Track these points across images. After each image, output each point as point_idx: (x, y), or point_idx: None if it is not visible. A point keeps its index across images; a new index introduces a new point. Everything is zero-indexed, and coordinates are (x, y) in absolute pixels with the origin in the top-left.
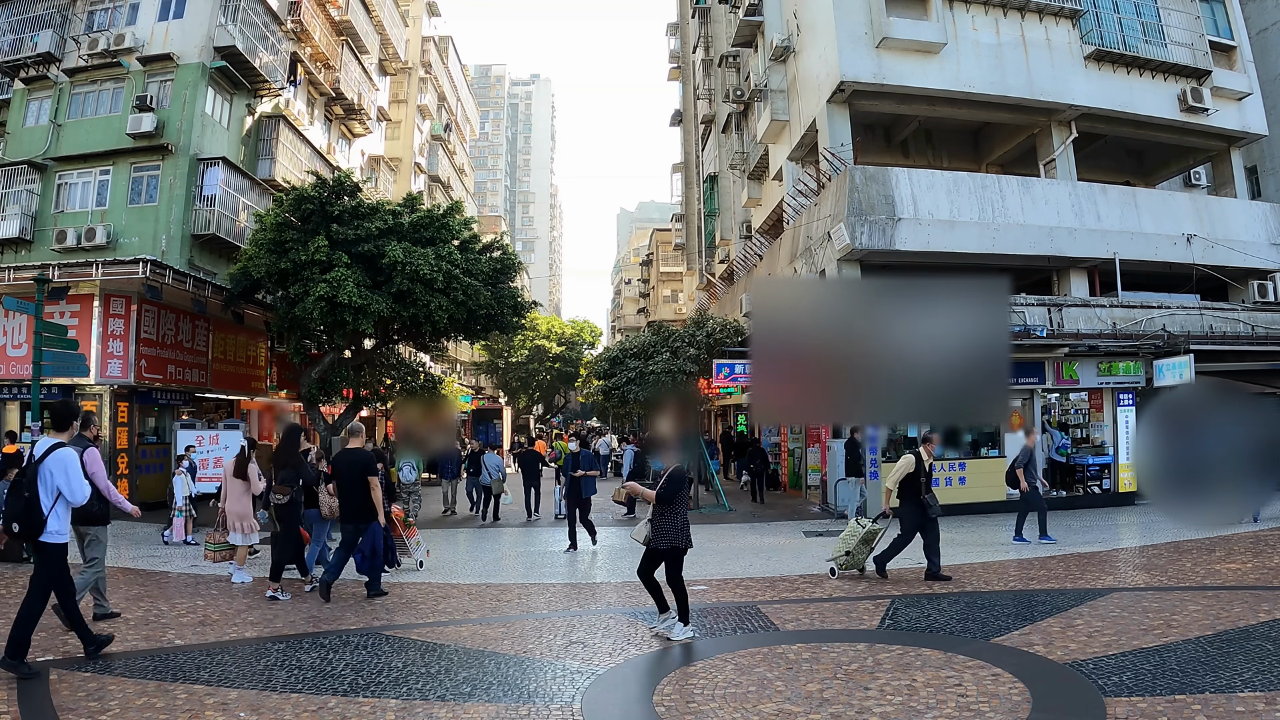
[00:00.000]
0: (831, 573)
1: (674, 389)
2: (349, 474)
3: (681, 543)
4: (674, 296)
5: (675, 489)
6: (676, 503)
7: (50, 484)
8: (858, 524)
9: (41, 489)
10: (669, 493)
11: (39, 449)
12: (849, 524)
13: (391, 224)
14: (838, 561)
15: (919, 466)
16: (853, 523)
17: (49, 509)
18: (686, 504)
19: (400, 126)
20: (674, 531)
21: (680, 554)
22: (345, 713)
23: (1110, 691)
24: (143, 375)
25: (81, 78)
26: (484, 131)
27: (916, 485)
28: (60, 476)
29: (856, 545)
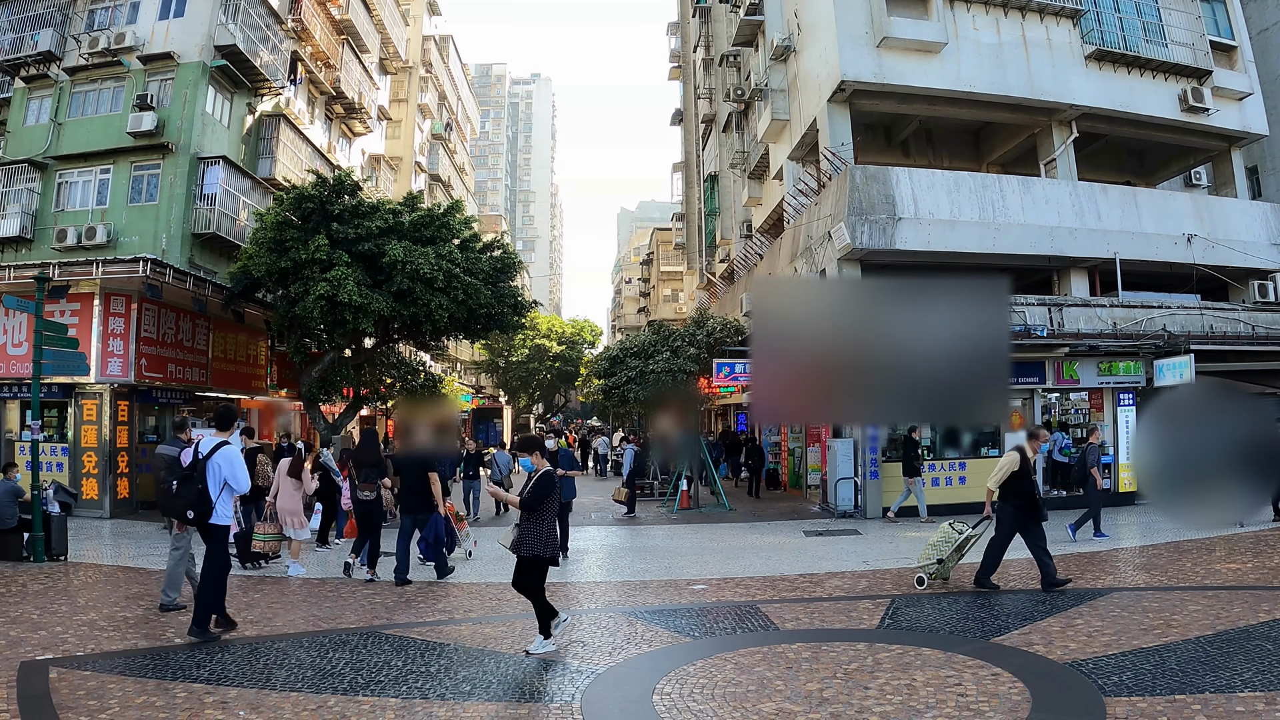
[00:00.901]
0: (919, 583)
1: (674, 388)
2: (412, 470)
3: (544, 552)
4: (674, 296)
5: (541, 495)
6: (543, 509)
7: (218, 476)
8: (953, 529)
9: (210, 480)
10: (534, 499)
11: (205, 446)
12: (940, 528)
13: (392, 223)
14: (927, 570)
15: (1024, 465)
16: (945, 526)
17: (217, 497)
18: (556, 511)
19: (401, 125)
20: (537, 540)
21: (542, 564)
22: (345, 711)
23: (1110, 691)
24: (143, 374)
25: (82, 76)
26: (484, 131)
27: (1018, 486)
28: (226, 470)
29: (951, 553)
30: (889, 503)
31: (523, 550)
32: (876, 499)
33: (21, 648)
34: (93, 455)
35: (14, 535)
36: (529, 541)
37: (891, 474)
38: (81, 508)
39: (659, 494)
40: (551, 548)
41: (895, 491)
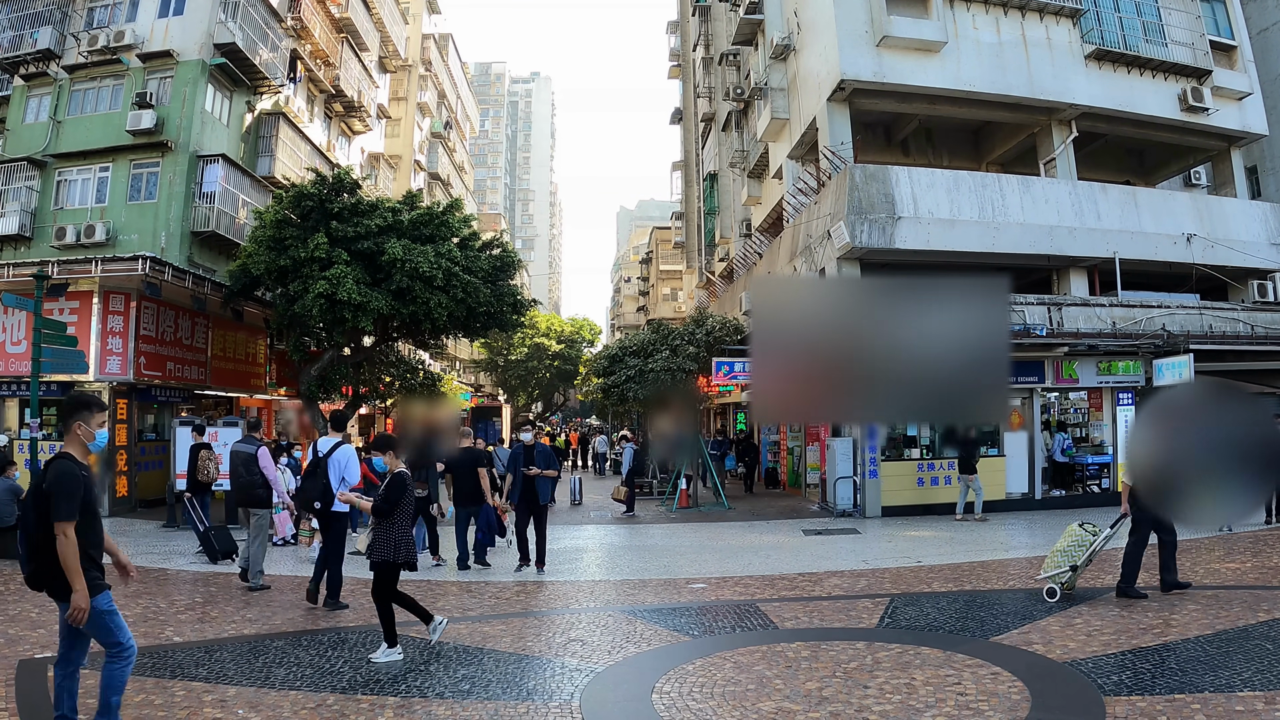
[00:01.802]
0: (1050, 595)
1: (673, 387)
2: (465, 467)
3: (394, 557)
4: (674, 295)
5: (391, 499)
6: (395, 514)
7: (336, 471)
8: (1085, 530)
9: (332, 475)
10: (383, 504)
11: (323, 446)
12: (1069, 530)
13: (391, 221)
14: (1059, 580)
15: None
16: (1074, 528)
17: (336, 488)
18: (411, 515)
19: (400, 124)
20: (387, 545)
21: (393, 569)
22: (343, 710)
23: (1109, 690)
24: (142, 372)
25: (81, 74)
26: (484, 129)
27: None
28: (343, 466)
29: (1085, 558)
30: (889, 501)
31: (373, 555)
32: (875, 498)
33: (20, 646)
34: (91, 455)
35: (13, 534)
36: (379, 547)
37: (890, 473)
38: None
39: (658, 493)
40: (403, 553)
41: (894, 491)
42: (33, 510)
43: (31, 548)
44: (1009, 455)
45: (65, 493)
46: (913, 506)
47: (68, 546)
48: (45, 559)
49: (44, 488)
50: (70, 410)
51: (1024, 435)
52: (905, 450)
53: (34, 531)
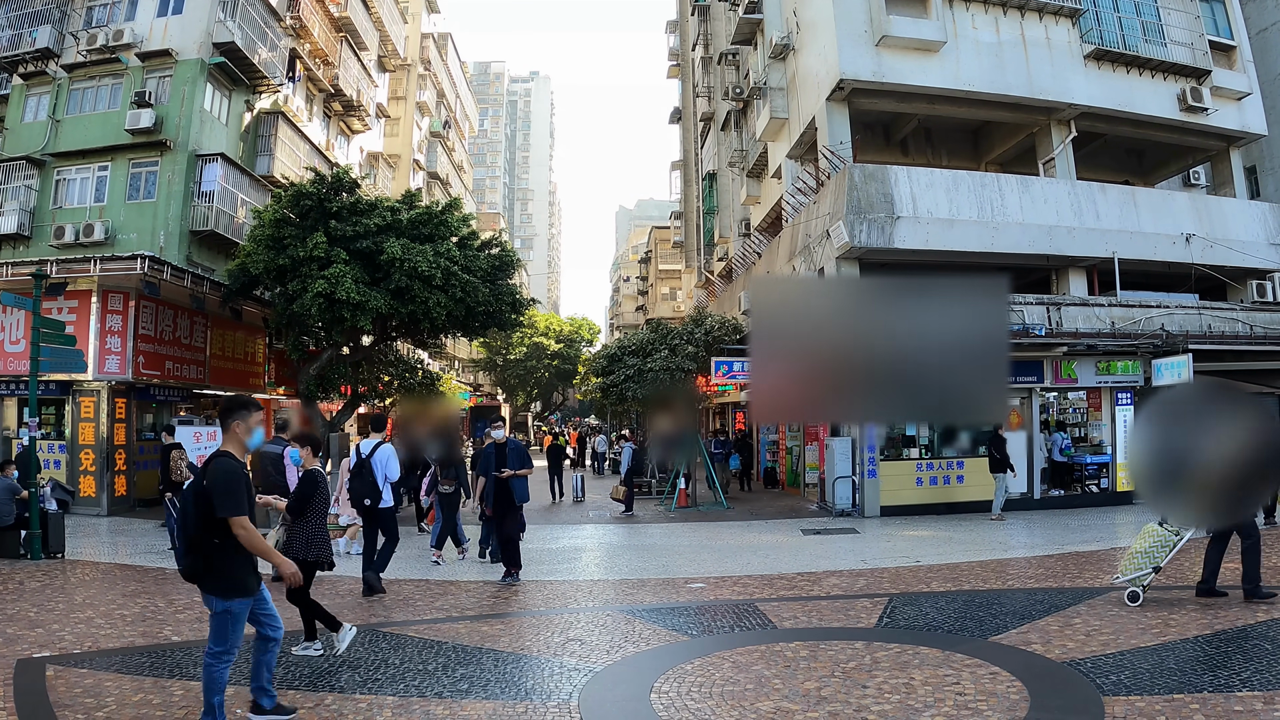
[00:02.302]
0: (1133, 599)
1: (672, 386)
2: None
3: (307, 555)
4: (672, 294)
5: (303, 496)
6: (308, 513)
7: (380, 470)
8: (1166, 530)
9: (377, 473)
10: (294, 502)
11: (365, 447)
12: (1147, 529)
13: (390, 220)
14: (1141, 582)
15: None
16: (1153, 527)
17: (383, 485)
18: (324, 512)
19: (399, 123)
20: (299, 543)
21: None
22: (341, 709)
23: (1108, 690)
24: (140, 371)
25: (80, 73)
26: (483, 129)
27: None
28: (384, 464)
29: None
30: (888, 501)
31: (289, 554)
32: (874, 498)
33: (18, 645)
34: (90, 453)
35: (11, 532)
36: (293, 545)
37: (889, 473)
38: (79, 505)
39: (657, 492)
40: (315, 551)
41: (893, 490)
42: (193, 506)
43: (189, 543)
44: (1008, 455)
45: (228, 489)
46: (912, 506)
47: (249, 535)
48: (202, 554)
49: (205, 485)
50: (229, 410)
51: (1023, 435)
52: (904, 450)
53: (193, 528)
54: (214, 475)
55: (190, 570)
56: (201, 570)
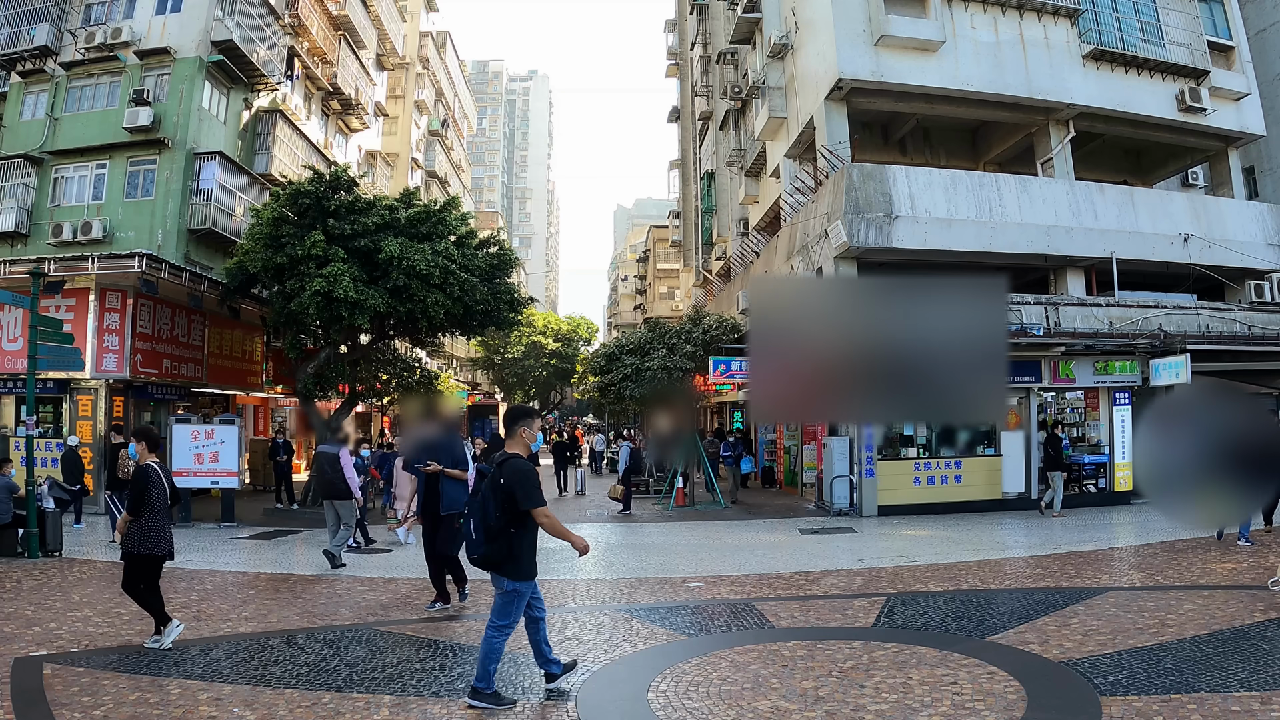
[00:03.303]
0: None
1: (670, 386)
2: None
3: (140, 549)
4: (670, 293)
5: (136, 493)
6: (144, 510)
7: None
8: None
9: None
10: (132, 500)
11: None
12: None
13: (388, 219)
14: None
15: None
16: None
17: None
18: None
19: (397, 122)
20: (134, 536)
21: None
22: (339, 708)
23: (1106, 690)
24: (138, 370)
25: (78, 71)
26: (481, 127)
27: None
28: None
29: None
30: (886, 501)
31: (125, 547)
32: (872, 497)
33: (16, 644)
34: (88, 451)
35: (9, 531)
36: (130, 539)
37: (887, 472)
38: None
39: (655, 491)
40: (149, 544)
41: (891, 490)
42: (493, 501)
43: (488, 534)
44: (1005, 455)
45: (530, 484)
46: (909, 506)
47: (551, 522)
48: (499, 544)
49: (502, 483)
50: (516, 418)
51: (1020, 435)
52: (902, 449)
53: (493, 521)
54: (513, 474)
55: (488, 557)
56: (502, 557)
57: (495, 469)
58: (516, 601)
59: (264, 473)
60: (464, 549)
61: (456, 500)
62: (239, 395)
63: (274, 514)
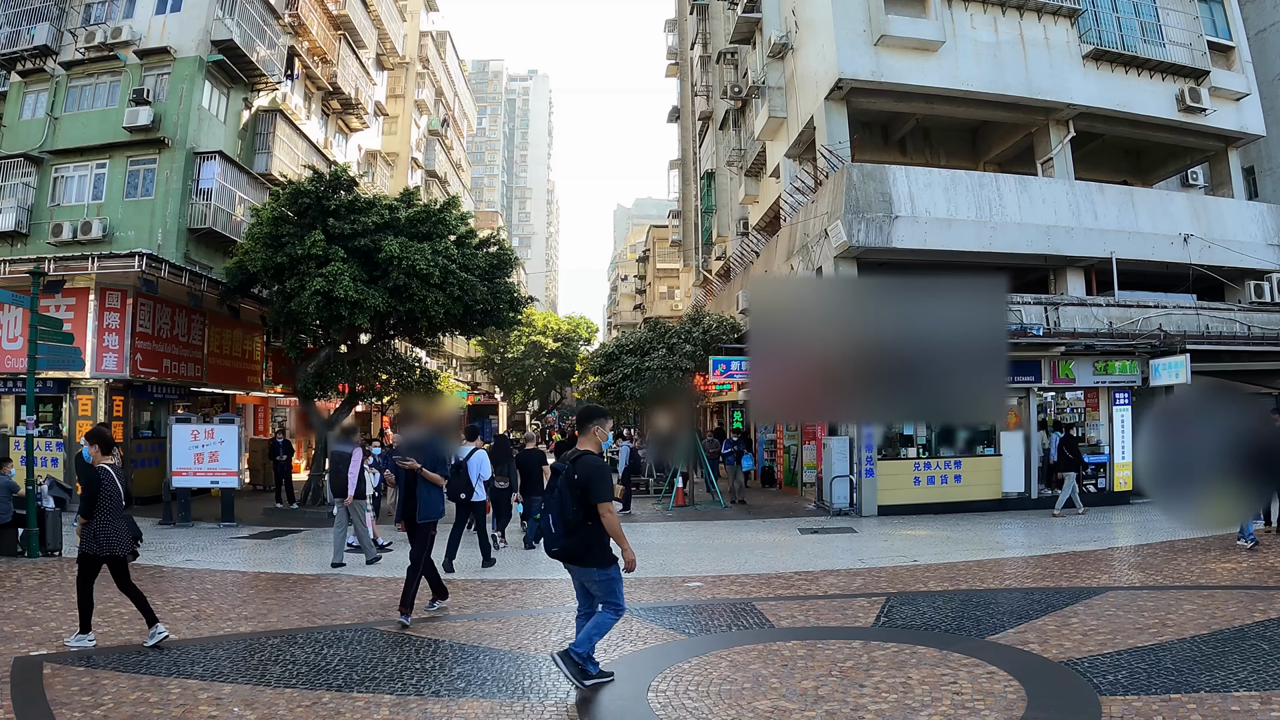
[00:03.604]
0: None
1: (670, 385)
2: (531, 465)
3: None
4: (670, 293)
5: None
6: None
7: (475, 470)
8: None
9: (471, 472)
10: (84, 503)
11: (463, 452)
12: None
13: (388, 219)
14: None
15: None
16: None
17: (476, 482)
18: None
19: (397, 121)
20: (88, 537)
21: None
22: (339, 707)
23: (1106, 690)
24: (138, 369)
25: (78, 71)
26: (481, 127)
27: None
28: (480, 465)
29: None
30: (886, 500)
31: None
32: (872, 497)
33: (16, 644)
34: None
35: (9, 530)
36: (84, 539)
37: (886, 472)
38: (76, 503)
39: (654, 491)
40: (100, 544)
41: (890, 489)
42: (569, 496)
43: (567, 527)
44: (1005, 455)
45: (602, 480)
46: (909, 506)
47: (612, 519)
48: (578, 536)
49: (577, 479)
50: (589, 417)
51: (1020, 435)
52: (902, 449)
53: (570, 515)
54: (587, 469)
55: (568, 550)
56: (583, 550)
57: (570, 465)
58: (617, 584)
59: (264, 472)
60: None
61: (434, 507)
62: (239, 395)
63: (274, 513)
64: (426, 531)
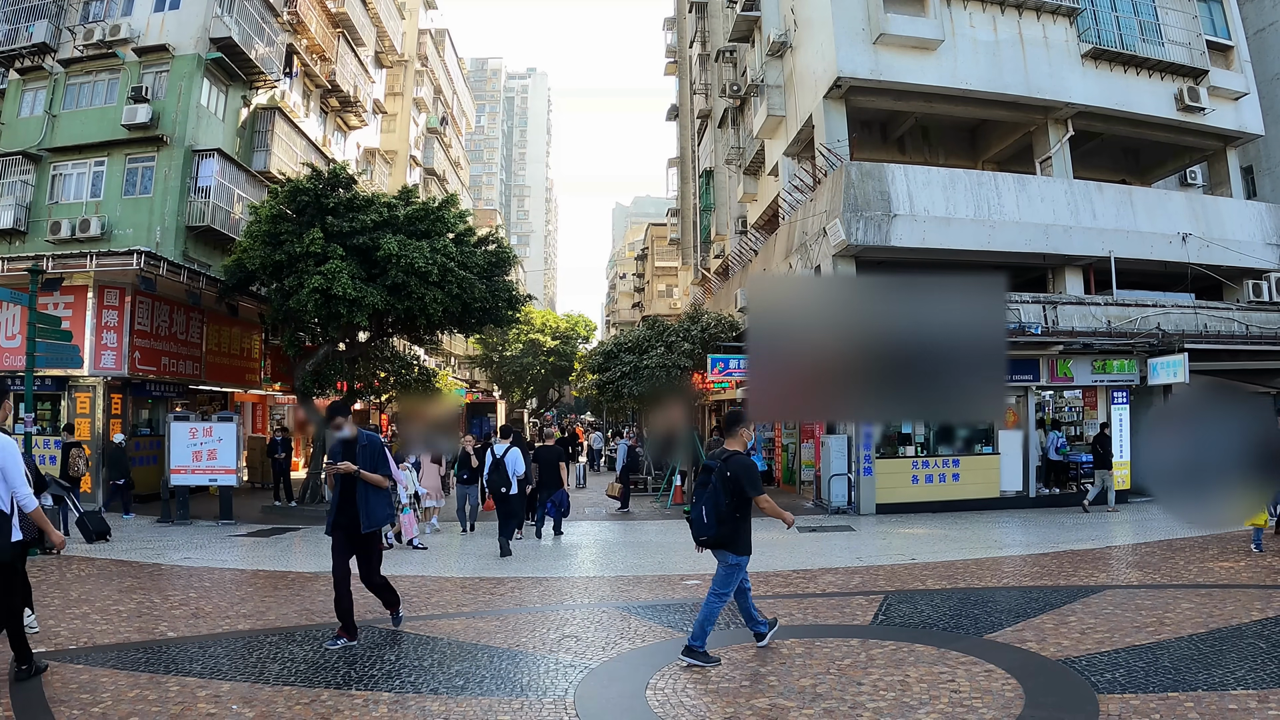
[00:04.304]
0: None
1: (669, 383)
2: (548, 459)
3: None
4: (669, 291)
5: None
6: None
7: (511, 466)
8: None
9: (509, 469)
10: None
11: (499, 450)
12: None
13: (386, 216)
14: None
15: None
16: None
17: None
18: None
19: (396, 119)
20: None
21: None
22: (337, 705)
23: (1103, 688)
24: (136, 367)
25: (77, 68)
26: (480, 125)
27: None
28: (515, 463)
29: None
30: (884, 499)
31: None
32: (870, 495)
33: None
34: (86, 448)
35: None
36: None
37: (885, 470)
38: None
39: (653, 489)
40: None
41: (888, 488)
42: (723, 491)
43: (719, 518)
44: (1003, 453)
45: (753, 476)
46: (908, 504)
47: (770, 505)
48: (727, 526)
49: (729, 475)
50: (735, 422)
51: (1019, 433)
52: (900, 448)
53: (723, 508)
54: (740, 467)
55: (718, 538)
56: (729, 537)
57: (721, 464)
58: (737, 573)
59: (262, 470)
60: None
61: (382, 514)
62: (237, 393)
63: (272, 511)
64: (373, 543)
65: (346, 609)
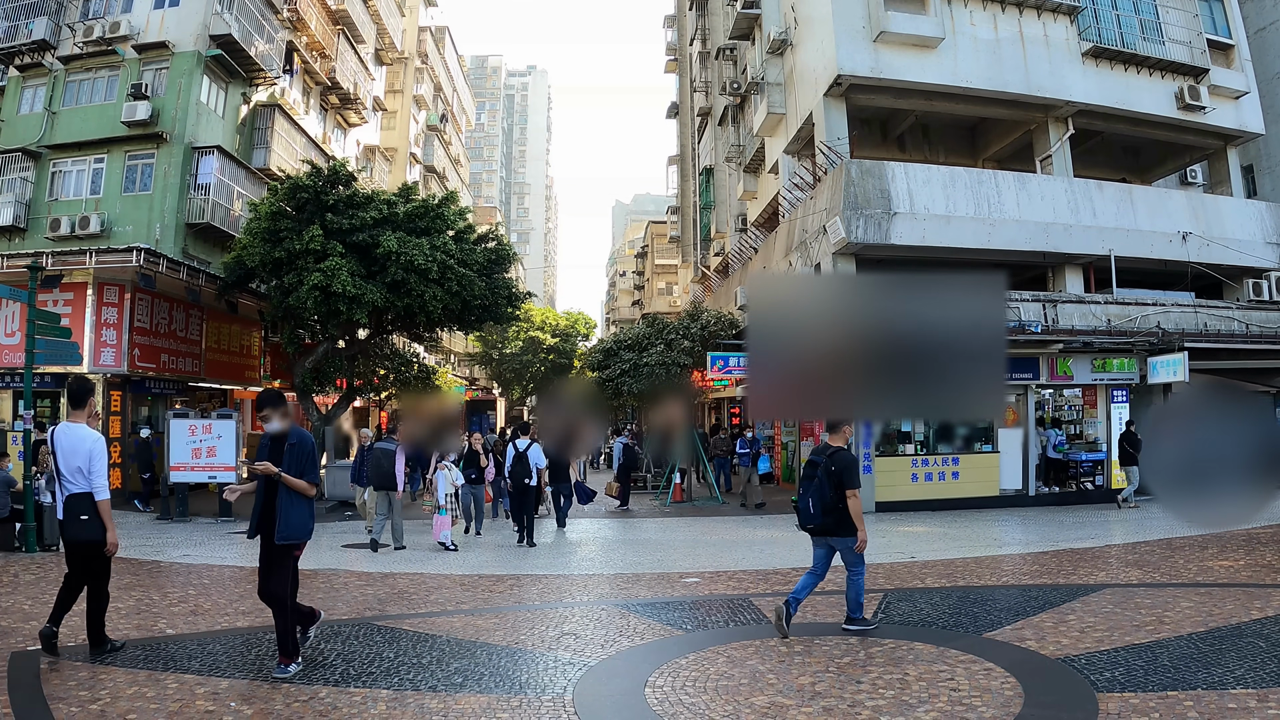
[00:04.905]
0: None
1: (668, 381)
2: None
3: None
4: (669, 289)
5: None
6: None
7: (534, 461)
8: None
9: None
10: None
11: (521, 445)
12: None
13: (386, 214)
14: None
15: None
16: None
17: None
18: None
19: (396, 116)
20: None
21: None
22: (336, 702)
23: (1103, 687)
24: (136, 364)
25: (76, 65)
26: (480, 122)
27: None
28: (538, 457)
29: None
30: (884, 497)
31: None
32: (870, 493)
33: (13, 638)
34: None
35: (6, 525)
36: None
37: (885, 468)
38: None
39: (652, 487)
40: None
41: (889, 486)
42: (827, 484)
43: (824, 508)
44: (1003, 452)
45: (854, 470)
46: (907, 502)
47: (857, 503)
48: (833, 515)
49: (834, 469)
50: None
51: (1018, 432)
52: (900, 446)
53: (828, 500)
54: (842, 462)
55: (825, 526)
56: (835, 525)
57: (826, 459)
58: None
59: None
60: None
61: (300, 525)
62: (237, 390)
63: None
64: (287, 555)
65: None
